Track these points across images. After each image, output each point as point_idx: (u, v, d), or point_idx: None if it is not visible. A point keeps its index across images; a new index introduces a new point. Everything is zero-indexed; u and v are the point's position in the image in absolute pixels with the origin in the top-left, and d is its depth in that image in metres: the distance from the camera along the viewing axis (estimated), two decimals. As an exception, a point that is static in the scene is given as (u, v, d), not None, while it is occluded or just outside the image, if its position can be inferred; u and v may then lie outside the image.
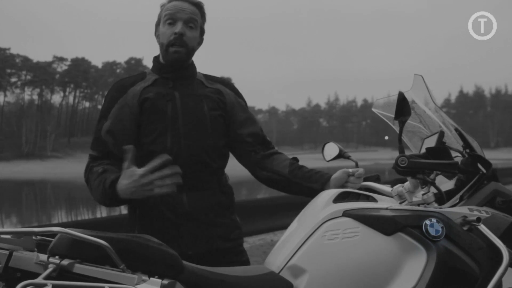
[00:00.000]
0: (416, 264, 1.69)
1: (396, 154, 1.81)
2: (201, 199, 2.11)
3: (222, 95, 2.21)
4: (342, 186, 2.10)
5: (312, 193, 2.02)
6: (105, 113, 2.12)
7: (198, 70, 2.25)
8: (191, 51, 2.17)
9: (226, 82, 2.29)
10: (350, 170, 2.12)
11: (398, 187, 1.94)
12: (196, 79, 2.21)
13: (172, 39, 2.10)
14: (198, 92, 2.17)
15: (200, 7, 2.18)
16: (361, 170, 2.13)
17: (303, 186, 2.15)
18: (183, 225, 2.06)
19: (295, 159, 2.24)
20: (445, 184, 2.01)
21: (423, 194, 1.86)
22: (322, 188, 2.06)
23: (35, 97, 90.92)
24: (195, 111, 2.13)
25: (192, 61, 2.22)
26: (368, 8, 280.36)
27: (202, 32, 2.21)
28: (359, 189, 2.07)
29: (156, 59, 2.21)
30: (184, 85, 2.16)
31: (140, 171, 1.82)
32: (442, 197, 1.90)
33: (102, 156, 2.08)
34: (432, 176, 1.83)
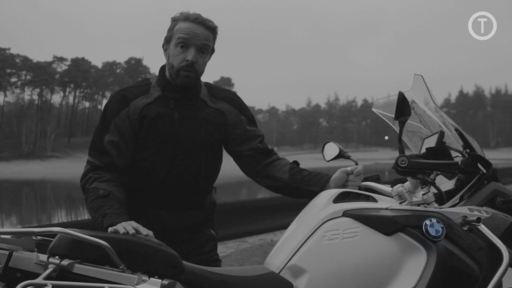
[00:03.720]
0: (416, 264, 1.69)
1: (396, 154, 1.81)
2: (180, 219, 2.14)
3: (224, 116, 2.20)
4: (343, 186, 2.10)
5: (313, 196, 2.01)
6: (107, 124, 2.11)
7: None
8: (200, 75, 2.17)
9: (230, 98, 2.25)
10: (349, 168, 2.13)
11: (398, 187, 1.93)
12: (199, 98, 2.19)
13: (184, 65, 2.08)
14: (198, 115, 2.16)
15: (215, 31, 2.15)
16: (360, 167, 2.13)
17: (303, 190, 2.16)
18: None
19: (296, 163, 2.24)
20: (445, 184, 2.01)
21: (423, 194, 1.86)
22: (322, 190, 2.06)
23: (35, 97, 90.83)
24: (191, 135, 2.13)
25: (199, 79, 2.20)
26: (369, 8, 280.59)
27: (212, 52, 2.19)
28: (359, 189, 2.07)
29: (162, 72, 2.19)
30: (185, 106, 2.15)
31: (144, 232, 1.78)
32: (442, 197, 1.90)
33: (103, 166, 2.07)
34: (432, 176, 1.83)
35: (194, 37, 2.08)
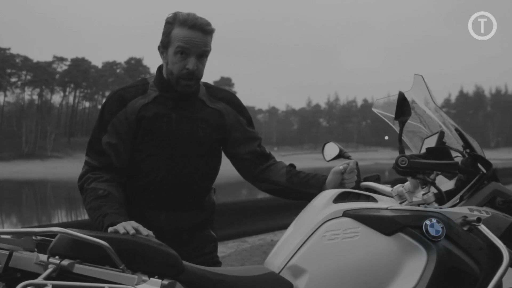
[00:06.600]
0: (416, 264, 1.69)
1: (396, 154, 1.81)
2: (178, 220, 2.13)
3: (222, 117, 2.19)
4: (340, 185, 2.10)
5: (311, 197, 2.01)
6: (104, 125, 2.10)
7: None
8: (200, 80, 2.14)
9: (229, 99, 2.24)
10: (341, 167, 2.10)
11: (398, 187, 1.93)
12: (198, 98, 2.17)
13: (184, 73, 2.06)
14: (196, 115, 2.14)
15: (212, 34, 2.10)
16: (351, 163, 2.11)
17: (301, 192, 2.15)
18: None
19: (292, 166, 2.24)
20: (445, 184, 2.01)
21: (423, 194, 1.86)
22: (320, 191, 2.05)
23: (35, 97, 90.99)
24: (189, 136, 2.12)
25: None
26: (368, 8, 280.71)
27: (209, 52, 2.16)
28: (359, 189, 2.07)
29: (159, 72, 2.17)
30: (183, 106, 2.13)
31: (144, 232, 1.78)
32: (442, 197, 1.90)
33: (102, 167, 2.06)
34: (432, 176, 1.83)
35: (194, 46, 2.04)
